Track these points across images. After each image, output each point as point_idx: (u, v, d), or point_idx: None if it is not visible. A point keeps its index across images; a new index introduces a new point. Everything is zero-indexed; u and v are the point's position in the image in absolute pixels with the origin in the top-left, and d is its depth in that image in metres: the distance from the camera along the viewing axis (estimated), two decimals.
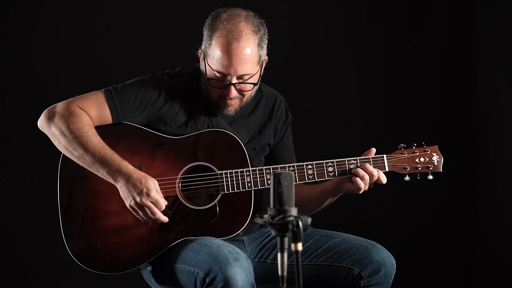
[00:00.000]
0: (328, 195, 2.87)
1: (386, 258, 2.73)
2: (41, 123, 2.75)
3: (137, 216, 2.69)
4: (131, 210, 2.68)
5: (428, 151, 2.81)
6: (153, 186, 2.64)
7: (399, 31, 4.43)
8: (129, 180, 2.63)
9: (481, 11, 4.36)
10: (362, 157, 2.77)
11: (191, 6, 4.09)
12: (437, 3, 4.42)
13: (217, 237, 2.70)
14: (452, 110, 4.44)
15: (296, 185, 2.90)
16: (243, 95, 2.78)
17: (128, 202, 2.65)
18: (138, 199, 2.62)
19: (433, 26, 4.42)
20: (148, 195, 2.62)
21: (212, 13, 2.78)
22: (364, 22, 4.42)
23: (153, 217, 2.65)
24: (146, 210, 2.64)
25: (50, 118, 2.71)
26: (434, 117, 4.45)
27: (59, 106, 2.73)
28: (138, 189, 2.62)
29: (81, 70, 4.11)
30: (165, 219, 2.67)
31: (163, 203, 2.66)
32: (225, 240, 2.71)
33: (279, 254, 1.92)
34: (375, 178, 2.73)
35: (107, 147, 2.68)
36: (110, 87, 2.79)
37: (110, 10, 4.16)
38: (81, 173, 2.74)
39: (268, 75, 2.96)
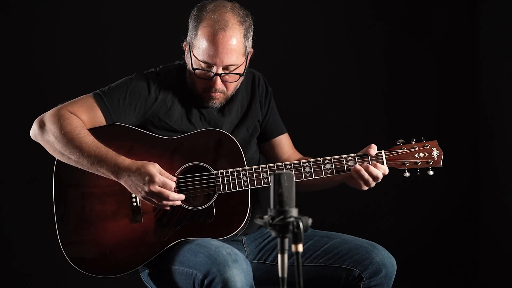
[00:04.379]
0: (334, 183, 2.86)
1: (386, 259, 2.71)
2: (34, 132, 2.73)
3: (155, 206, 2.66)
4: (146, 202, 2.66)
5: (427, 146, 2.77)
6: (154, 170, 2.61)
7: (401, 28, 4.42)
8: (130, 173, 2.61)
9: (483, 9, 4.34)
10: (359, 154, 2.74)
11: (188, 5, 4.06)
12: (439, 0, 4.39)
13: (215, 238, 2.68)
14: (454, 108, 4.42)
15: None
16: (227, 88, 2.76)
17: (140, 195, 2.63)
18: (146, 189, 2.60)
19: (435, 23, 4.41)
20: (153, 181, 2.59)
21: (198, 4, 2.78)
22: (365, 19, 4.41)
23: (168, 199, 2.62)
24: (159, 196, 2.61)
25: (42, 126, 2.70)
26: (436, 115, 4.44)
27: (49, 113, 2.71)
28: (142, 179, 2.60)
29: (80, 71, 4.10)
30: (180, 197, 2.65)
31: (171, 182, 2.63)
32: (223, 240, 2.69)
33: (279, 256, 1.90)
34: (380, 179, 2.71)
35: (101, 145, 2.66)
36: (97, 91, 2.78)
37: (107, 12, 4.14)
38: (75, 177, 2.72)
39: (269, 72, 2.94)
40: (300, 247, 1.86)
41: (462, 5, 4.40)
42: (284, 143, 3.02)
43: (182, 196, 2.66)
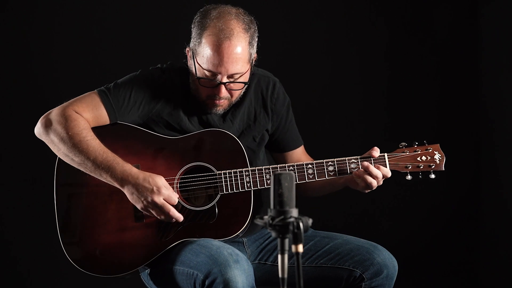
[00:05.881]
0: (338, 187, 2.85)
1: (388, 260, 2.70)
2: (39, 131, 2.71)
3: (153, 216, 2.65)
4: (146, 212, 2.65)
5: (430, 149, 2.78)
6: (162, 183, 2.61)
7: (403, 28, 4.41)
8: (136, 182, 2.60)
9: (484, 9, 4.33)
10: (363, 156, 2.74)
11: (186, 3, 4.07)
12: (441, 1, 4.39)
13: (217, 238, 2.67)
14: (456, 109, 4.41)
15: None
16: (232, 95, 2.74)
17: (140, 204, 2.62)
18: (149, 199, 2.59)
19: (436, 23, 4.40)
20: (159, 192, 2.60)
21: (201, 10, 2.74)
22: (367, 19, 4.39)
23: (168, 214, 2.62)
24: (160, 209, 2.61)
25: (48, 126, 2.67)
26: (437, 116, 4.43)
27: (55, 112, 2.69)
28: (148, 189, 2.59)
29: (79, 70, 4.09)
30: (179, 216, 2.64)
31: (175, 197, 2.63)
32: (224, 241, 2.68)
33: (279, 256, 1.90)
34: (380, 180, 2.71)
35: (108, 150, 2.65)
36: (103, 87, 2.76)
37: (106, 10, 4.14)
38: (76, 178, 2.71)
39: (269, 71, 2.93)
40: (300, 248, 1.86)
41: (463, 6, 4.39)
42: (299, 155, 2.99)
43: (181, 217, 2.65)
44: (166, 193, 2.60)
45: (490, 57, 4.32)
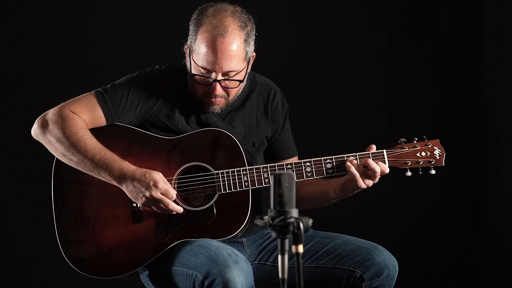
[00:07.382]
0: (336, 196, 2.83)
1: (388, 260, 2.69)
2: (35, 131, 2.70)
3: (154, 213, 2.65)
4: (148, 208, 2.65)
5: (429, 145, 2.75)
6: (159, 177, 2.60)
7: (404, 27, 4.40)
8: (133, 178, 2.60)
9: (486, 7, 4.32)
10: (361, 153, 2.72)
11: (186, 3, 4.06)
12: (442, 0, 4.38)
13: (215, 238, 2.67)
14: (457, 108, 4.40)
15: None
16: (228, 93, 2.73)
17: (140, 201, 2.62)
18: (147, 194, 2.59)
19: (438, 22, 4.39)
20: (156, 186, 2.59)
21: (199, 7, 2.75)
22: (367, 18, 4.38)
23: (167, 208, 2.61)
24: (159, 203, 2.60)
25: (44, 126, 2.67)
26: (438, 116, 4.42)
27: (52, 112, 2.69)
28: (145, 184, 2.59)
29: (78, 70, 4.09)
30: (179, 209, 2.64)
31: (173, 192, 2.62)
32: (223, 241, 2.67)
33: (279, 256, 1.89)
34: (378, 174, 2.67)
35: (106, 148, 2.65)
36: (100, 88, 2.75)
37: (106, 9, 4.13)
38: (75, 178, 2.71)
39: (270, 71, 2.92)
40: (301, 248, 1.85)
41: (465, 5, 4.38)
42: None
43: (180, 209, 2.65)
44: (163, 187, 2.60)
45: (492, 56, 4.31)
